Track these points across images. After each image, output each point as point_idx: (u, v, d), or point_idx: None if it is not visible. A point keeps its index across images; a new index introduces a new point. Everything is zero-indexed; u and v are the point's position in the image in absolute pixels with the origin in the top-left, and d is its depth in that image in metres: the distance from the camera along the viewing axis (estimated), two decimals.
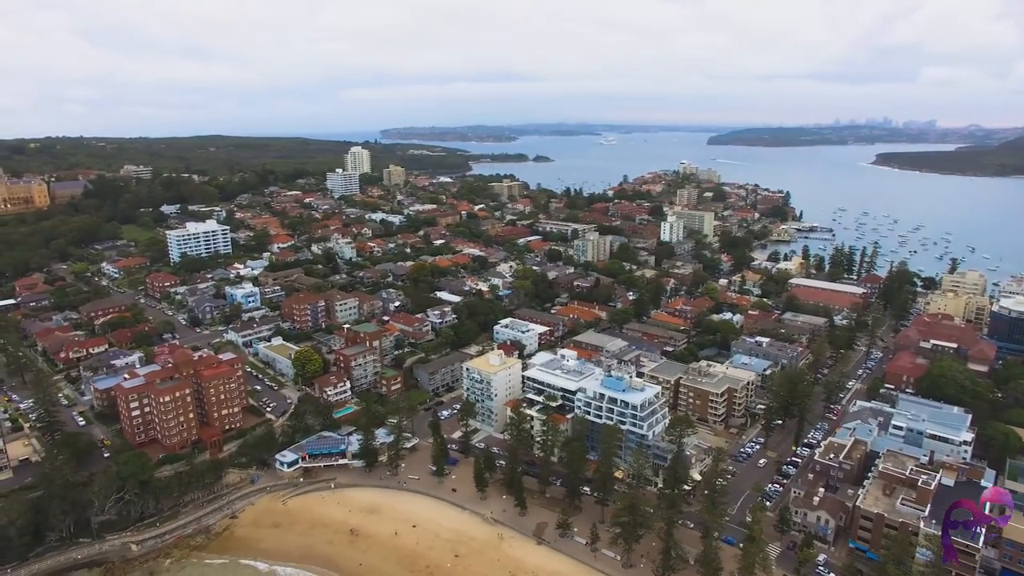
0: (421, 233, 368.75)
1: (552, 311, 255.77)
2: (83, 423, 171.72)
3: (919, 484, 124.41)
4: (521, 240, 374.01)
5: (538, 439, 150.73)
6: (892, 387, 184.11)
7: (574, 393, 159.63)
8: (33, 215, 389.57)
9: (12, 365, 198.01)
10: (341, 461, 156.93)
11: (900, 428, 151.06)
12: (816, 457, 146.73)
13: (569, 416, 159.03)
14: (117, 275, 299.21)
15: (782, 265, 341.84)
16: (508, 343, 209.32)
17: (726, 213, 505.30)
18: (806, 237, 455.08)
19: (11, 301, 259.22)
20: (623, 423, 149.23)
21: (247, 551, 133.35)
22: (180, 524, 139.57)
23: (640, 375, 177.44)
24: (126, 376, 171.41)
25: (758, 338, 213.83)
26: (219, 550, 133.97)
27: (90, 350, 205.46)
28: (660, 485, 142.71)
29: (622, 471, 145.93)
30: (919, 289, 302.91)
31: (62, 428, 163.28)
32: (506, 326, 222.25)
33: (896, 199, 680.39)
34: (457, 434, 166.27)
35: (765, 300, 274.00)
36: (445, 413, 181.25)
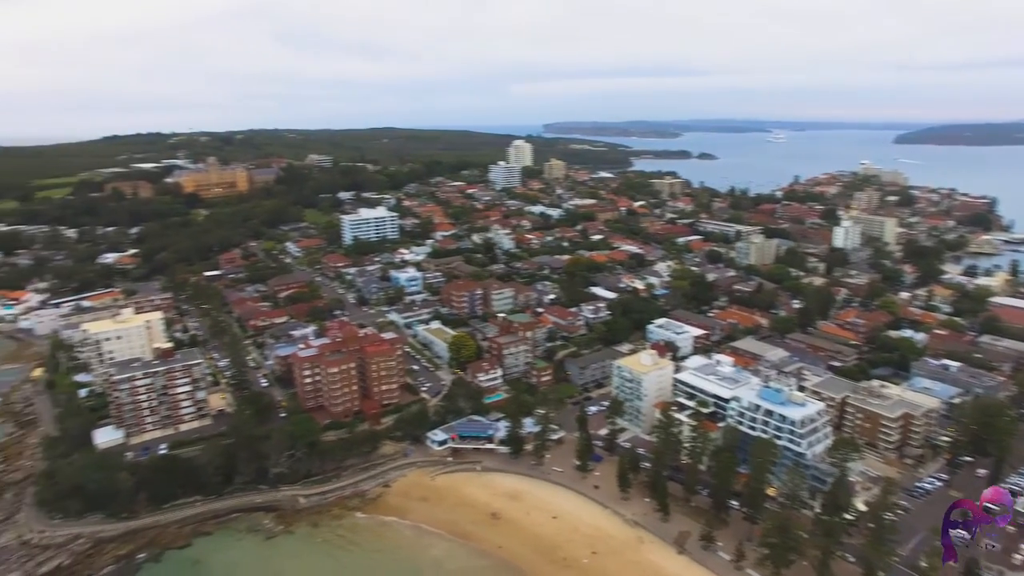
0: (579, 227, 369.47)
1: (709, 314, 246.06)
2: (265, 384, 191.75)
3: None
4: (680, 239, 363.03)
5: (686, 445, 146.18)
6: None
7: (727, 401, 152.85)
8: (236, 198, 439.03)
9: (214, 328, 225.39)
10: (488, 445, 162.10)
11: None
12: (1019, 507, 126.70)
13: (720, 424, 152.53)
14: (299, 254, 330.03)
15: (981, 281, 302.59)
16: (661, 344, 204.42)
17: (913, 220, 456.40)
18: (1015, 250, 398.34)
19: (216, 272, 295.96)
20: (779, 438, 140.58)
21: (397, 520, 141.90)
22: (340, 486, 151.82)
23: (801, 389, 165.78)
24: (301, 346, 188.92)
25: (945, 361, 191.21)
26: (372, 514, 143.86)
27: (274, 320, 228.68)
28: (817, 510, 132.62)
29: (775, 489, 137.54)
30: None
31: (249, 387, 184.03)
32: (660, 326, 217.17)
33: None
34: (603, 431, 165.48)
35: (957, 319, 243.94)
36: (593, 409, 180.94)
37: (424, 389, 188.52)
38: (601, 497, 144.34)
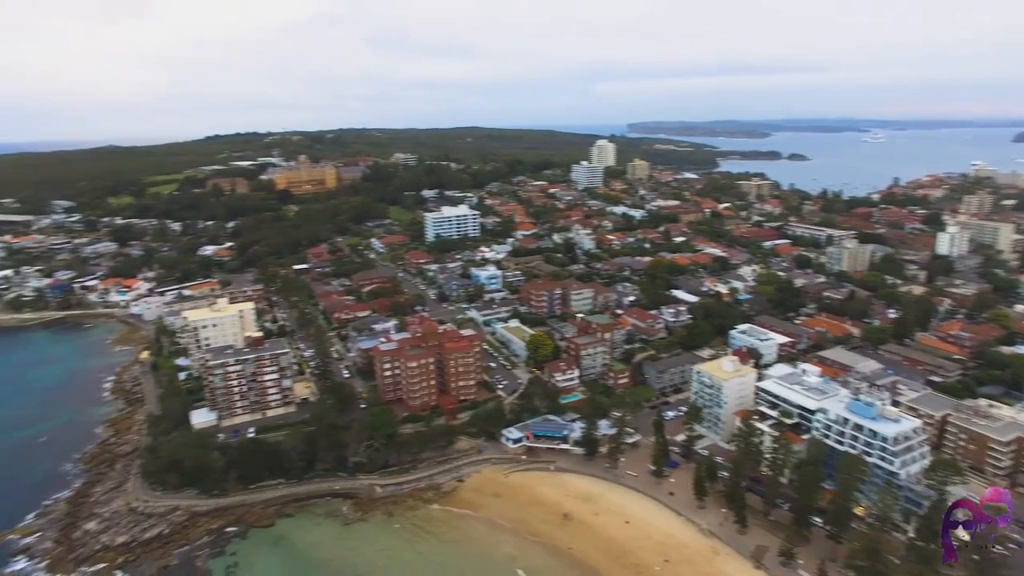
0: (661, 229, 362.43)
1: (796, 321, 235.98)
2: (347, 375, 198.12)
3: None
4: (767, 243, 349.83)
5: (767, 456, 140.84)
6: None
7: (813, 413, 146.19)
8: (325, 195, 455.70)
9: (301, 319, 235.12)
10: (562, 446, 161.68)
11: None
12: None
13: (805, 437, 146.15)
14: (382, 250, 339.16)
15: None
16: (744, 350, 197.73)
17: None
18: None
19: (305, 266, 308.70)
20: (869, 454, 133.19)
21: (469, 514, 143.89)
22: (415, 478, 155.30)
23: (896, 404, 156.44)
24: (383, 340, 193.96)
25: None
26: (445, 507, 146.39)
27: (357, 314, 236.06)
28: (911, 535, 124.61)
29: (863, 508, 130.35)
30: None
31: (332, 377, 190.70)
32: (743, 332, 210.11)
33: None
34: (680, 437, 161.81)
35: None
36: (670, 414, 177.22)
37: (501, 387, 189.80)
38: (676, 504, 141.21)
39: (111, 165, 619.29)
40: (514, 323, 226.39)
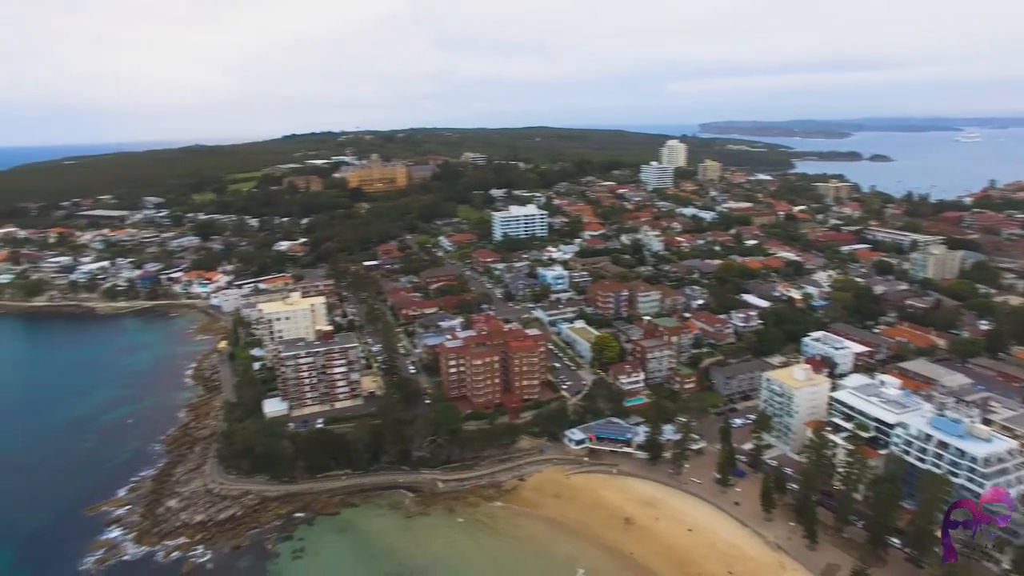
0: (733, 231, 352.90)
1: (875, 330, 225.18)
2: (413, 371, 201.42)
3: None
4: (845, 247, 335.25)
5: (840, 470, 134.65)
6: None
7: (892, 427, 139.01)
8: (395, 193, 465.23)
9: (370, 315, 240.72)
10: (626, 449, 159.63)
11: None
12: None
13: (882, 452, 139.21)
14: (450, 248, 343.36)
15: None
16: (817, 358, 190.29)
17: None
18: None
19: (374, 262, 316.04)
20: (955, 475, 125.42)
21: (530, 513, 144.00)
22: (477, 475, 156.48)
23: (987, 422, 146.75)
24: (449, 337, 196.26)
25: None
26: (506, 505, 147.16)
27: (424, 310, 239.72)
28: (1006, 566, 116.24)
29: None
30: None
31: (398, 372, 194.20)
32: (817, 340, 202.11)
33: None
34: (748, 445, 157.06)
35: None
36: (738, 421, 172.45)
37: (565, 387, 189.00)
38: (741, 515, 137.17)
39: (196, 163, 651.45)
40: (580, 324, 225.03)
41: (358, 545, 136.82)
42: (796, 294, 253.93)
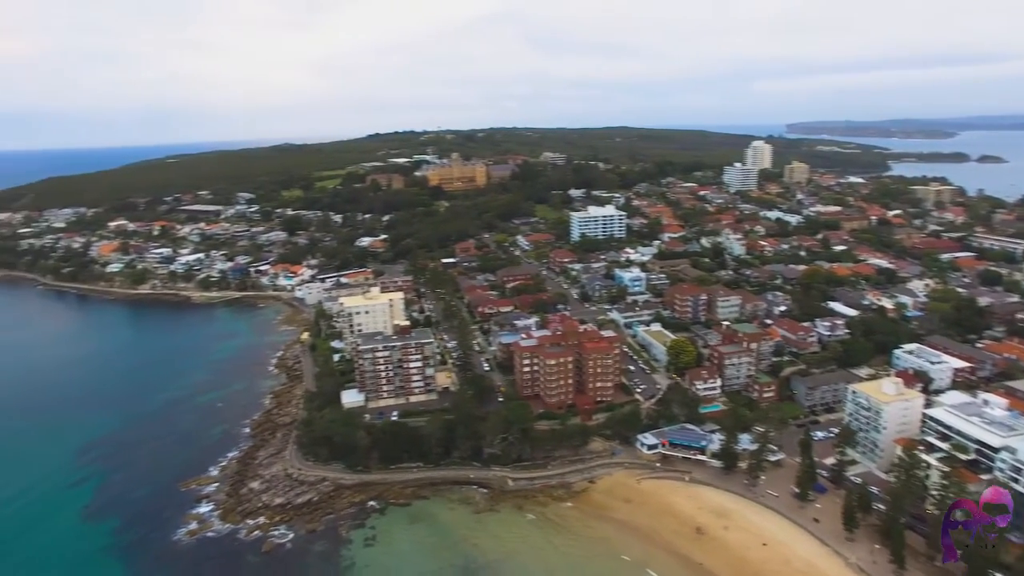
0: (820, 236, 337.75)
1: (978, 345, 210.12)
2: (487, 368, 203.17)
3: None
4: (945, 255, 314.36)
5: (933, 493, 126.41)
6: None
7: (997, 450, 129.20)
8: (474, 192, 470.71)
9: (446, 311, 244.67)
10: (699, 457, 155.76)
11: None
12: None
13: (984, 477, 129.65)
14: (527, 247, 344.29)
15: None
16: (910, 372, 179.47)
17: None
18: None
19: (452, 260, 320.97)
20: None
21: (598, 516, 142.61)
22: (547, 474, 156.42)
23: None
24: (523, 336, 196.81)
25: None
26: (576, 507, 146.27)
27: (500, 309, 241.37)
28: None
29: None
30: None
31: (472, 369, 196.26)
32: (910, 352, 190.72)
33: None
34: (829, 460, 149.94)
35: None
36: (819, 434, 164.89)
37: (639, 391, 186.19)
38: (821, 532, 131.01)
39: (286, 162, 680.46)
40: (656, 327, 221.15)
41: (428, 536, 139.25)
42: (888, 303, 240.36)
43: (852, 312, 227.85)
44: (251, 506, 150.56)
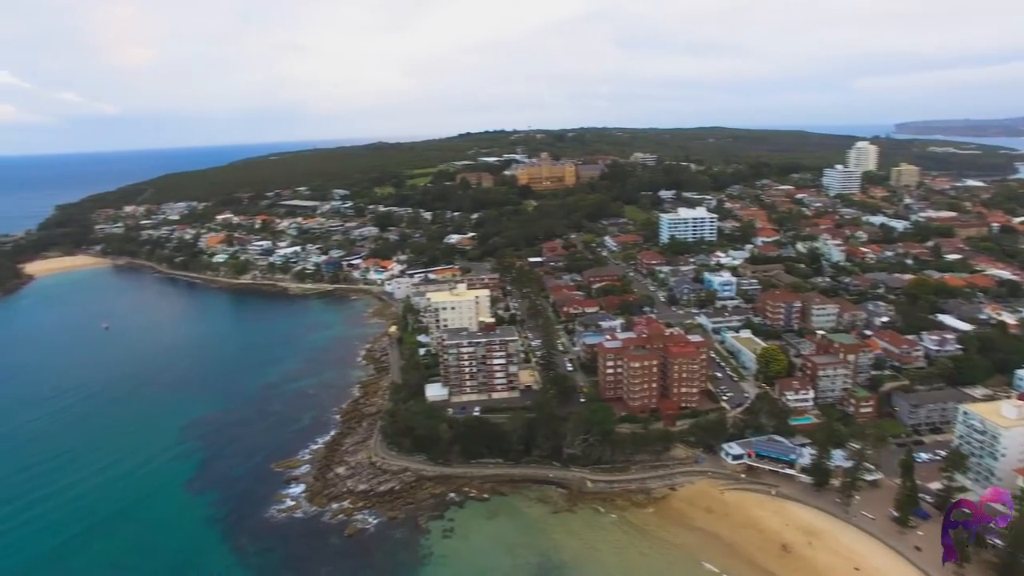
0: (930, 244, 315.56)
1: None
2: (570, 368, 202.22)
3: None
4: None
5: None
6: None
7: None
8: (563, 191, 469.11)
9: (531, 310, 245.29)
10: (787, 470, 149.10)
11: None
12: None
13: None
14: (615, 248, 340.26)
15: None
16: None
17: None
18: None
19: (539, 259, 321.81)
20: None
21: (678, 524, 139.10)
22: (627, 478, 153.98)
23: None
24: (608, 337, 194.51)
25: None
26: (655, 513, 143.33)
27: (585, 309, 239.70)
28: None
29: None
30: None
31: (555, 369, 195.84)
32: None
33: None
34: (935, 485, 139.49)
35: None
36: (923, 456, 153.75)
37: (725, 398, 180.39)
38: (923, 562, 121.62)
39: (379, 159, 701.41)
40: (746, 333, 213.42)
41: (505, 533, 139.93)
42: (1010, 318, 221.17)
43: (965, 326, 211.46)
44: (336, 490, 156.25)
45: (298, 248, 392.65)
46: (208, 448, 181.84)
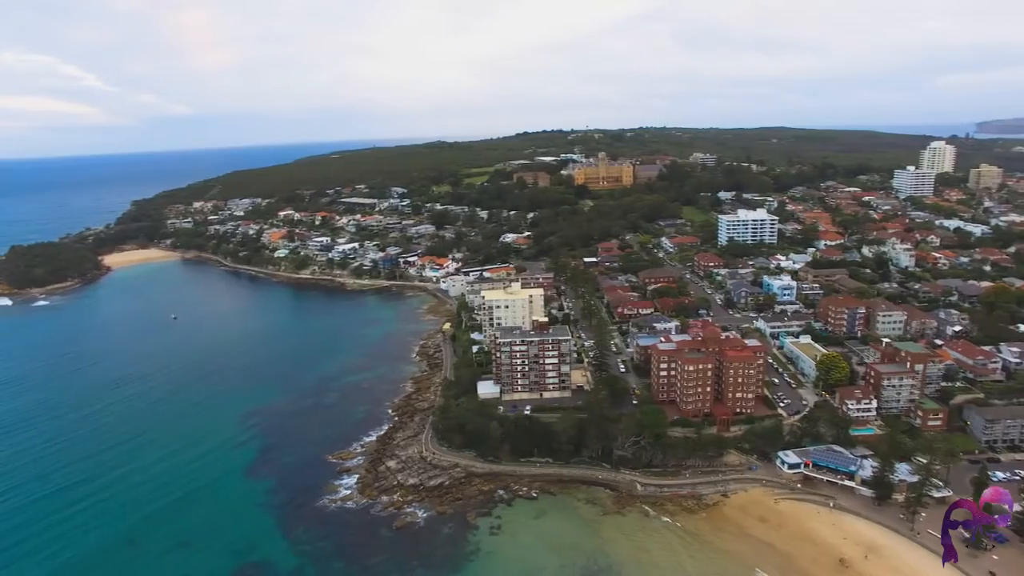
0: (1011, 250, 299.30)
1: None
2: (623, 370, 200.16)
3: None
4: None
5: None
6: None
7: None
8: (620, 191, 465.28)
9: (585, 310, 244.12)
10: (847, 482, 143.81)
11: None
12: None
13: None
14: (671, 250, 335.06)
15: None
16: None
17: None
18: None
19: (594, 259, 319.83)
20: None
21: (731, 531, 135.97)
22: (678, 483, 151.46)
23: None
24: (662, 339, 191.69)
25: None
26: (706, 519, 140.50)
27: (640, 310, 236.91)
28: None
29: None
30: None
31: (608, 370, 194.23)
32: None
33: None
34: (1015, 507, 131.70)
35: None
36: (1000, 475, 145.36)
37: (782, 405, 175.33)
38: None
39: (437, 158, 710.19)
40: (805, 339, 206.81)
41: (553, 533, 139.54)
42: None
43: None
44: (387, 483, 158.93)
45: (356, 244, 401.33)
46: (268, 436, 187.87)
